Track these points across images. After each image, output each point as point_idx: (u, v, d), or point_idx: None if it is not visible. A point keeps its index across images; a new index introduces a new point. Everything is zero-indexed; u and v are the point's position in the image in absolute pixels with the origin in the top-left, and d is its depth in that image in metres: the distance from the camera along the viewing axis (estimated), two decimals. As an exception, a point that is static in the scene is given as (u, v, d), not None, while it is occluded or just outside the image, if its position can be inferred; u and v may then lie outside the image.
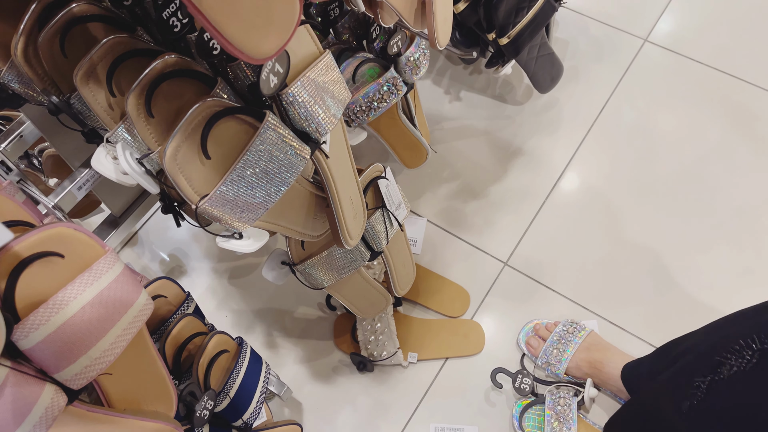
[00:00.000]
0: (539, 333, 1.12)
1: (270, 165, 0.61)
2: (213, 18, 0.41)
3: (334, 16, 1.02)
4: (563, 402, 1.04)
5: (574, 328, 1.10)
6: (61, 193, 0.83)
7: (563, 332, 1.10)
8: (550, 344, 1.09)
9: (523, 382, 1.08)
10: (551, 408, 1.04)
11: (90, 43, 0.62)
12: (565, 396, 1.05)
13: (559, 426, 1.03)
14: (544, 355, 1.09)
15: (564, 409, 1.04)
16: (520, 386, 1.07)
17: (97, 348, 0.52)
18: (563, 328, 1.10)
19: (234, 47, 0.43)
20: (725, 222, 1.24)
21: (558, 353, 1.08)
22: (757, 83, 1.41)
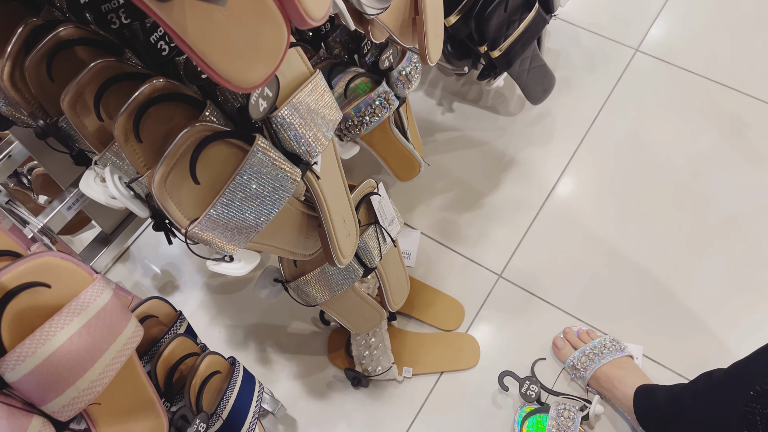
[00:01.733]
0: (568, 337, 1.13)
1: (260, 188, 0.61)
2: (199, 49, 0.41)
3: (325, 31, 1.02)
4: (567, 414, 1.04)
5: (614, 345, 1.10)
6: (51, 214, 0.83)
7: (601, 345, 1.09)
8: (582, 351, 1.09)
9: (530, 388, 1.07)
10: (554, 418, 1.04)
11: (77, 67, 0.61)
12: (570, 409, 1.05)
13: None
14: (573, 359, 1.09)
15: (567, 421, 1.03)
16: (527, 392, 1.07)
17: (85, 379, 0.52)
18: (602, 342, 1.10)
19: (221, 77, 0.43)
20: (718, 231, 1.24)
21: (588, 361, 1.08)
22: (748, 92, 1.41)
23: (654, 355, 1.12)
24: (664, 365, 1.12)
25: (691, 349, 1.13)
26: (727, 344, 1.13)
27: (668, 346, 1.13)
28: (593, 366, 1.07)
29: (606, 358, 1.08)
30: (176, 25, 0.39)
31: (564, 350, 1.11)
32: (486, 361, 1.14)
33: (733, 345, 1.12)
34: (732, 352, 1.12)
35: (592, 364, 1.07)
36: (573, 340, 1.12)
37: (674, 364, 1.11)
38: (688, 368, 1.11)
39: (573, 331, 1.13)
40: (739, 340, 1.13)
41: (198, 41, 0.40)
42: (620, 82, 1.45)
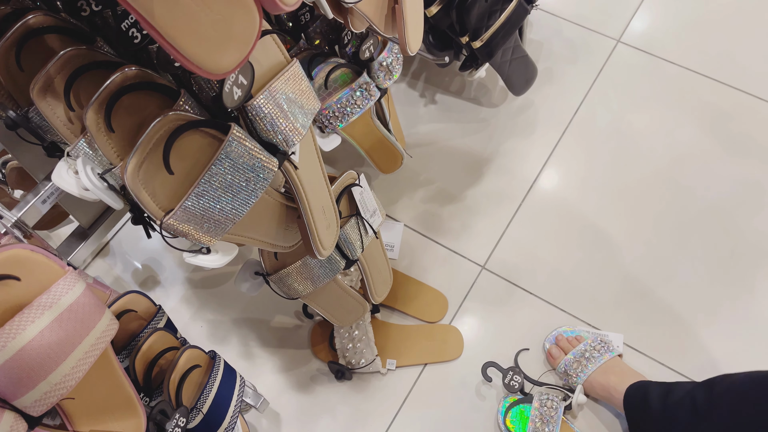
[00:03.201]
0: (560, 344, 1.12)
1: (236, 178, 0.60)
2: (167, 33, 0.40)
3: (305, 21, 1.01)
4: (550, 404, 1.05)
5: (602, 347, 1.09)
6: (25, 207, 0.81)
7: (590, 348, 1.09)
8: (573, 356, 1.09)
9: (513, 379, 1.08)
10: (537, 408, 1.05)
11: (47, 56, 0.60)
12: (553, 399, 1.05)
13: (541, 426, 1.03)
14: (564, 365, 1.09)
15: (550, 411, 1.04)
16: (510, 383, 1.07)
17: (57, 373, 0.51)
18: (591, 345, 1.09)
19: (191, 63, 0.42)
20: (699, 222, 1.25)
21: (579, 366, 1.07)
22: (729, 83, 1.42)
23: (635, 343, 1.13)
24: (644, 353, 1.12)
25: (671, 338, 1.14)
26: (706, 333, 1.14)
27: (649, 335, 1.14)
28: (585, 372, 1.07)
29: (597, 361, 1.07)
30: (143, 8, 0.38)
31: (559, 359, 1.10)
32: (470, 353, 1.14)
33: (713, 334, 1.13)
34: (711, 341, 1.13)
35: (584, 370, 1.07)
36: (565, 346, 1.11)
37: (655, 353, 1.12)
38: (669, 357, 1.11)
39: (565, 338, 1.12)
40: (719, 329, 1.14)
41: (166, 25, 0.39)
42: (602, 73, 1.45)
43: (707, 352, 1.12)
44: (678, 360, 1.11)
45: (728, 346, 1.12)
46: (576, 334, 1.13)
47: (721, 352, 1.12)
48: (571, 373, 1.08)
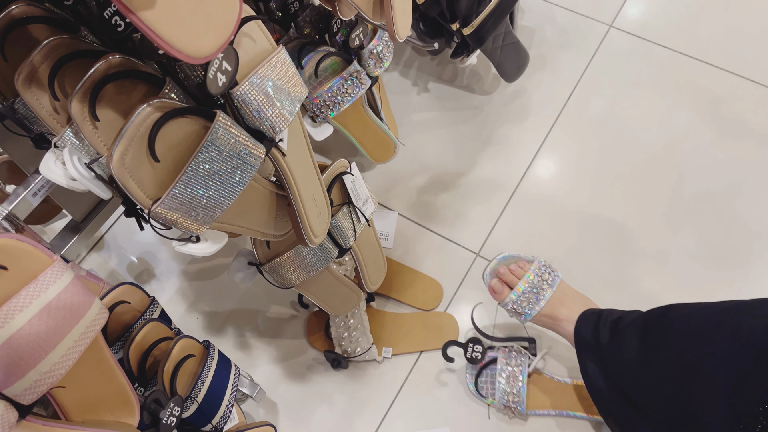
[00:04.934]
0: (503, 277, 1.07)
1: (223, 165, 0.60)
2: (145, 17, 0.39)
3: (294, 10, 1.01)
4: (514, 363, 1.05)
5: (548, 274, 1.05)
6: (15, 201, 0.81)
7: (537, 280, 1.04)
8: (521, 293, 1.04)
9: (474, 350, 1.06)
10: (502, 369, 1.05)
11: (32, 46, 0.59)
12: (517, 355, 1.06)
13: (509, 388, 1.04)
14: (512, 303, 1.04)
15: (515, 369, 1.05)
16: (472, 355, 1.06)
17: (46, 362, 0.51)
18: (537, 275, 1.05)
19: (170, 47, 0.42)
20: (693, 205, 1.25)
21: (528, 304, 1.03)
22: (722, 66, 1.42)
23: (631, 328, 1.13)
24: (640, 338, 1.13)
25: (667, 321, 1.14)
26: (702, 315, 1.14)
27: (644, 319, 1.14)
28: (536, 307, 1.02)
29: (545, 294, 1.03)
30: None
31: (504, 293, 1.05)
32: (465, 339, 1.14)
33: (708, 316, 1.14)
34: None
35: (535, 306, 1.02)
36: (509, 279, 1.06)
37: (650, 337, 1.13)
38: (664, 340, 1.12)
39: (507, 269, 1.07)
40: (714, 310, 1.14)
41: (144, 10, 0.39)
42: (595, 58, 1.45)
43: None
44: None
45: (723, 329, 1.13)
46: (513, 256, 1.09)
47: (716, 335, 1.12)
48: (521, 310, 1.03)
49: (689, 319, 0.82)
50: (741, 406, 0.69)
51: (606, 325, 0.94)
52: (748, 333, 0.73)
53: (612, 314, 0.96)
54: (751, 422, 0.67)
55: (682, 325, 0.83)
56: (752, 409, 0.68)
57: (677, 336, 0.82)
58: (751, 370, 0.70)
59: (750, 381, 0.69)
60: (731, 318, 0.77)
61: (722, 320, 0.78)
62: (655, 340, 0.85)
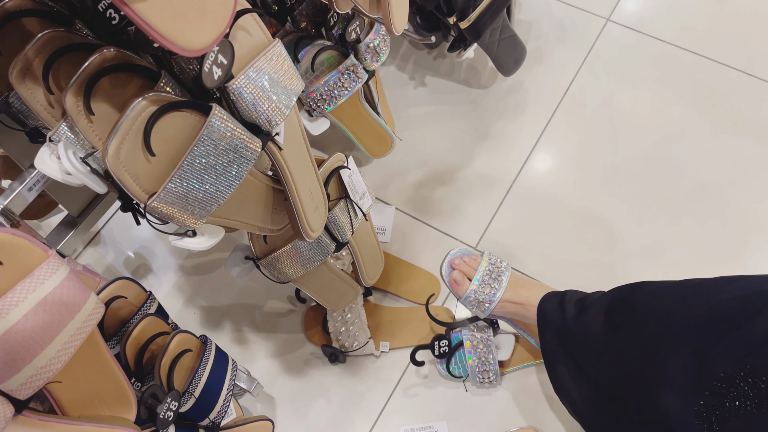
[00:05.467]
0: (461, 268, 1.06)
1: (219, 159, 0.59)
2: (140, 10, 0.39)
3: (290, 4, 1.00)
4: (481, 346, 1.06)
5: (500, 261, 1.05)
6: (10, 195, 0.80)
7: (492, 267, 1.04)
8: (480, 281, 1.03)
9: (440, 345, 1.06)
10: (471, 353, 1.06)
11: (26, 40, 0.59)
12: (482, 336, 1.07)
13: (481, 364, 1.06)
14: (474, 293, 1.03)
15: (484, 349, 1.06)
16: (441, 351, 1.07)
17: (42, 356, 0.51)
18: (491, 263, 1.05)
19: (166, 40, 0.42)
20: (690, 199, 1.25)
21: (490, 290, 1.02)
22: (719, 60, 1.42)
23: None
24: (637, 331, 1.13)
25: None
26: (698, 309, 1.14)
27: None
28: (497, 294, 1.02)
29: (503, 278, 1.03)
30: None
31: (464, 284, 1.04)
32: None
33: (704, 309, 1.14)
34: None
35: (497, 293, 1.02)
36: (466, 269, 1.05)
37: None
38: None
39: (462, 261, 1.07)
40: (711, 304, 1.14)
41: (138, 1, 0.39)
42: (592, 52, 1.45)
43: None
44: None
45: (719, 322, 1.13)
46: (466, 252, 1.09)
47: (712, 328, 1.12)
48: (483, 299, 1.02)
49: (654, 296, 0.81)
50: (701, 382, 0.68)
51: (570, 303, 0.93)
52: (710, 308, 0.71)
53: (576, 294, 0.95)
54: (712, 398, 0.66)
55: (647, 300, 0.81)
56: (712, 385, 0.66)
57: (642, 312, 0.81)
58: (712, 345, 0.68)
59: (711, 356, 0.68)
60: (695, 294, 0.76)
61: (686, 296, 0.76)
62: (620, 316, 0.83)
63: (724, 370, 0.65)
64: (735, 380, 0.64)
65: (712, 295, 0.73)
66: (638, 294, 0.84)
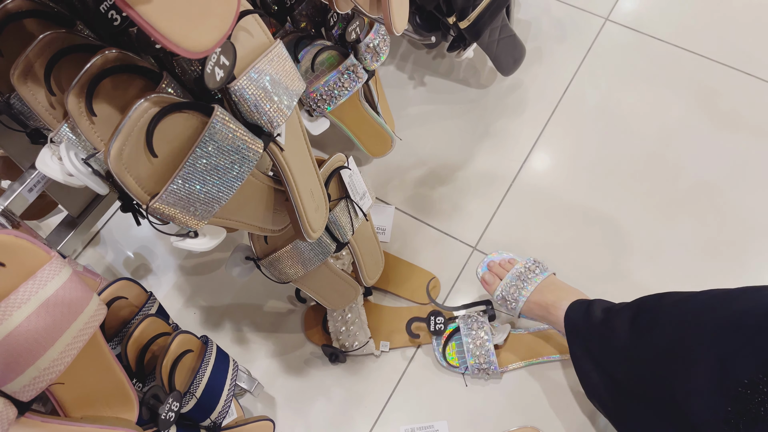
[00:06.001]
0: (494, 270, 1.10)
1: (221, 160, 0.60)
2: (143, 11, 0.39)
3: (290, 4, 1.00)
4: (476, 326, 1.08)
5: (536, 266, 1.08)
6: (11, 196, 0.80)
7: (525, 270, 1.07)
8: (509, 280, 1.07)
9: (436, 322, 1.10)
10: (467, 335, 1.08)
11: (27, 41, 0.59)
12: (477, 320, 1.09)
13: (476, 350, 1.07)
14: (501, 291, 1.07)
15: (479, 332, 1.08)
16: (436, 327, 1.09)
17: (45, 358, 0.51)
18: (525, 267, 1.08)
19: (169, 42, 0.42)
20: (689, 197, 1.25)
21: (515, 291, 1.05)
22: (717, 59, 1.42)
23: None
24: (637, 330, 1.13)
25: (663, 314, 1.15)
26: (697, 308, 1.15)
27: (641, 312, 1.15)
28: (523, 294, 1.05)
29: (532, 282, 1.05)
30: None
31: (494, 285, 1.08)
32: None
33: (703, 308, 1.14)
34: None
35: (522, 292, 1.05)
36: (499, 271, 1.10)
37: (647, 329, 1.13)
38: (661, 332, 1.12)
39: (497, 264, 1.11)
40: (710, 303, 1.15)
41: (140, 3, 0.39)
42: (591, 51, 1.45)
43: (698, 327, 1.13)
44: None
45: (718, 321, 1.13)
46: (509, 257, 1.13)
47: (712, 327, 1.13)
48: (509, 298, 1.06)
49: (680, 305, 0.83)
50: (727, 388, 0.69)
51: (597, 311, 0.95)
52: (735, 316, 0.73)
53: (603, 303, 0.97)
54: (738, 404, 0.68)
55: (672, 309, 0.83)
56: (737, 391, 0.68)
57: (667, 320, 0.82)
58: (736, 351, 0.70)
59: (735, 362, 0.70)
60: (720, 303, 0.77)
61: (711, 305, 0.78)
62: (646, 325, 0.85)
63: (749, 376, 0.67)
64: (759, 386, 0.66)
65: (735, 303, 0.75)
66: (664, 302, 0.86)
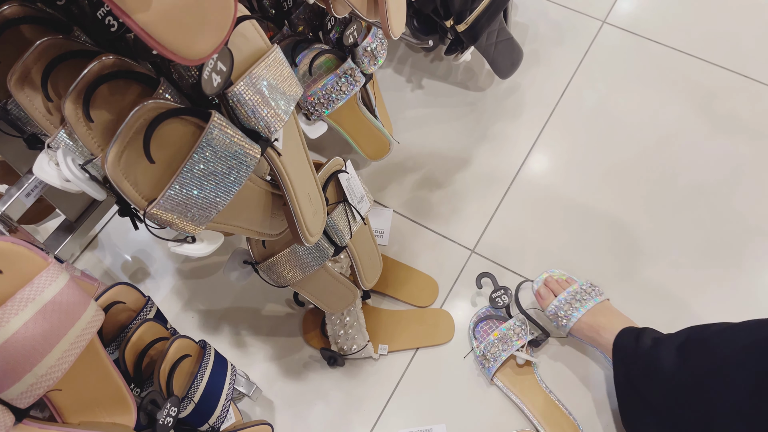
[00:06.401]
0: (550, 285, 1.12)
1: (218, 166, 0.59)
2: (139, 19, 0.39)
3: (287, 8, 1.00)
4: (516, 330, 1.09)
5: (593, 290, 1.09)
6: (8, 201, 0.80)
7: (581, 291, 1.09)
8: (564, 299, 1.08)
9: (501, 297, 1.11)
10: (510, 328, 1.09)
11: (24, 47, 0.59)
12: (523, 329, 1.09)
13: (499, 344, 1.08)
14: (555, 307, 1.08)
15: (513, 336, 1.09)
16: (496, 299, 1.11)
17: (42, 365, 0.51)
18: (582, 288, 1.09)
19: (165, 49, 0.42)
20: (686, 200, 1.25)
21: (570, 309, 1.07)
22: (715, 62, 1.42)
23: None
24: (635, 333, 1.13)
25: (660, 316, 1.14)
26: (695, 310, 1.15)
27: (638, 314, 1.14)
28: (575, 314, 1.06)
29: (587, 304, 1.07)
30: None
31: (547, 299, 1.10)
32: (461, 336, 1.15)
33: (701, 311, 1.15)
34: (700, 318, 1.14)
35: (575, 312, 1.06)
36: (555, 287, 1.11)
37: (645, 332, 1.13)
38: (659, 335, 1.12)
39: (554, 279, 1.13)
40: (708, 306, 1.15)
41: (138, 11, 0.39)
42: (588, 54, 1.45)
43: (696, 329, 1.13)
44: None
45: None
46: (567, 276, 1.14)
47: (710, 329, 1.13)
48: (561, 314, 1.08)
49: (725, 330, 0.86)
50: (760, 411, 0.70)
51: (647, 339, 0.97)
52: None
53: (653, 332, 0.99)
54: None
55: (719, 333, 0.86)
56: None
57: (712, 343, 0.85)
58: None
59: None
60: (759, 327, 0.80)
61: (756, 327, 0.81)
62: (692, 347, 0.88)
63: None
64: None
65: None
66: (712, 329, 0.88)
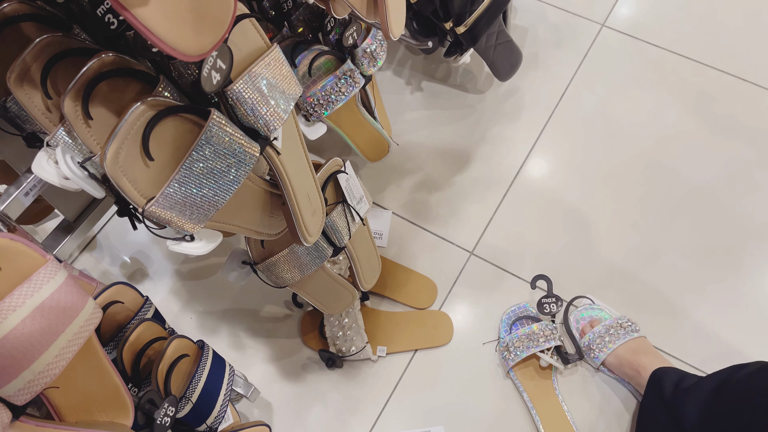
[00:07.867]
0: (593, 324, 1.12)
1: (217, 164, 0.59)
2: (140, 15, 0.39)
3: (287, 9, 1.00)
4: (546, 332, 1.09)
5: (629, 325, 1.09)
6: (7, 200, 0.80)
7: (616, 325, 1.09)
8: (598, 332, 1.09)
9: (550, 304, 1.12)
10: (540, 329, 1.09)
11: (24, 44, 0.59)
12: (553, 333, 1.09)
13: (526, 341, 1.08)
14: (588, 340, 1.09)
15: (540, 337, 1.08)
16: (545, 305, 1.12)
17: (40, 362, 0.50)
18: (618, 322, 1.10)
19: (166, 45, 0.42)
20: (685, 203, 1.26)
21: (602, 342, 1.08)
22: (713, 65, 1.43)
23: (624, 325, 1.14)
24: (633, 335, 1.13)
25: (659, 319, 1.15)
26: (694, 314, 1.15)
27: (637, 317, 1.14)
28: (608, 348, 1.07)
29: (619, 339, 1.07)
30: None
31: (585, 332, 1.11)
32: (459, 338, 1.15)
33: (700, 315, 1.15)
34: (699, 322, 1.14)
35: (607, 346, 1.07)
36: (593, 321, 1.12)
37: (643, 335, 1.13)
38: (657, 338, 1.12)
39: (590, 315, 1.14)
40: (707, 309, 1.15)
41: (137, 6, 0.39)
42: (587, 57, 1.46)
43: (695, 332, 1.13)
44: (666, 341, 1.12)
45: (716, 327, 1.13)
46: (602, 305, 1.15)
47: (709, 333, 1.13)
48: (594, 347, 1.08)
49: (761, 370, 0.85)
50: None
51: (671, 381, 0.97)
52: None
53: (678, 373, 0.99)
54: None
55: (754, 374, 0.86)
56: None
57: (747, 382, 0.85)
58: None
59: None
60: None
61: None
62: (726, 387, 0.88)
63: None
64: None
65: None
66: (746, 370, 0.88)
